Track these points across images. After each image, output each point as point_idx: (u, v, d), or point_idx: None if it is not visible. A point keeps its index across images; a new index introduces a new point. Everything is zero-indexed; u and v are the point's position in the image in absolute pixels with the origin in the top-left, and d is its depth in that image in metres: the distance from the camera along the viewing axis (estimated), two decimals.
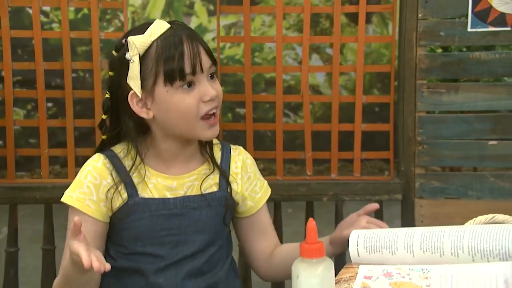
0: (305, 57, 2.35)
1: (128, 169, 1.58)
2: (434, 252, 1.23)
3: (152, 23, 1.55)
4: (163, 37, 1.53)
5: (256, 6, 4.18)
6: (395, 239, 1.26)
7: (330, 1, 5.48)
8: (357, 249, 1.30)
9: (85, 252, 1.25)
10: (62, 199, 1.57)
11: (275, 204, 2.31)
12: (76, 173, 1.64)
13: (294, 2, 5.27)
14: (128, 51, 1.53)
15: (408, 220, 2.31)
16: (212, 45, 2.34)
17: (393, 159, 2.37)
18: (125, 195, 1.57)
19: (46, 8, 5.99)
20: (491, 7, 2.21)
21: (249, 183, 1.73)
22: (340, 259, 2.17)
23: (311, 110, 2.39)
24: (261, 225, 1.76)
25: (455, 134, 2.31)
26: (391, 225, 2.42)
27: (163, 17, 6.55)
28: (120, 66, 1.57)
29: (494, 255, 1.18)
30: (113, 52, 1.61)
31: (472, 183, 2.31)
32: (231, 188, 1.67)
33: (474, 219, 1.32)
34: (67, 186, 1.69)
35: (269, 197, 2.17)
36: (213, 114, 1.57)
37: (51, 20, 5.94)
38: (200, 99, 1.53)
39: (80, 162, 1.89)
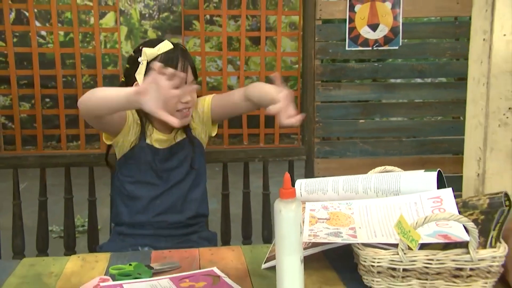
0: (242, 66, 2.32)
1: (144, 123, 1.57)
2: (352, 192, 1.22)
3: (163, 40, 1.54)
4: (166, 53, 1.51)
5: (210, 32, 4.03)
6: (326, 184, 1.24)
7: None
8: (300, 192, 1.27)
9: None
10: None
11: (223, 164, 2.28)
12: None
13: (215, 29, 5.20)
14: (140, 56, 1.51)
15: (310, 172, 2.31)
16: None
17: (300, 133, 2.36)
18: (138, 138, 1.55)
19: (43, 33, 5.74)
20: (359, 34, 2.23)
21: (199, 115, 1.67)
22: None
23: None
24: (223, 101, 1.67)
25: (339, 116, 2.33)
26: (299, 176, 2.43)
27: (126, 39, 6.36)
28: (134, 63, 1.54)
29: (390, 192, 1.18)
30: (132, 53, 1.59)
31: (349, 147, 2.34)
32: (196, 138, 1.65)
33: (373, 170, 1.30)
34: (79, 155, 1.87)
35: (219, 160, 2.13)
36: (187, 110, 1.55)
37: (47, 42, 5.61)
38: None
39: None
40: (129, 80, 1.56)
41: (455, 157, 2.45)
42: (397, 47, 2.28)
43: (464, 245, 0.97)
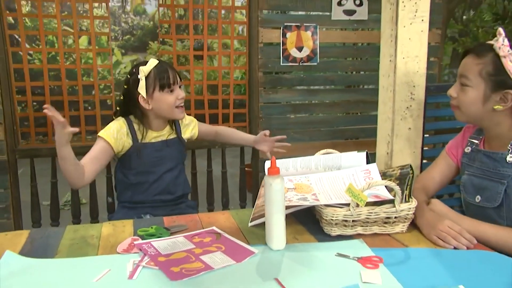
0: (205, 76, 2.30)
1: (136, 128, 1.49)
2: (307, 168, 1.24)
3: (148, 60, 1.48)
4: (157, 66, 1.46)
5: (182, 51, 3.86)
6: (287, 163, 1.25)
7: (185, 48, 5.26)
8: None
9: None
10: (99, 135, 1.44)
11: (192, 151, 2.26)
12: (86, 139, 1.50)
13: (166, 48, 5.03)
14: (139, 74, 1.44)
15: (256, 155, 2.34)
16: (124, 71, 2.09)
17: (248, 126, 2.39)
18: (131, 141, 1.48)
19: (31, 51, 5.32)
20: (290, 54, 2.31)
21: (190, 129, 1.66)
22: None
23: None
24: (207, 133, 1.72)
25: (276, 113, 2.39)
26: (248, 158, 2.46)
27: (97, 56, 6.07)
28: (134, 82, 1.46)
29: (334, 167, 1.22)
30: (128, 75, 1.50)
31: (283, 135, 2.41)
32: (182, 138, 1.62)
33: (318, 152, 1.31)
34: (81, 147, 1.68)
35: (188, 147, 2.07)
36: (182, 106, 1.51)
37: (33, 58, 5.13)
38: (176, 98, 1.47)
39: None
40: (130, 97, 1.50)
41: (356, 141, 2.60)
42: (316, 63, 2.38)
43: (386, 201, 1.05)
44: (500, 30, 1.10)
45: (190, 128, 1.66)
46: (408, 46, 1.34)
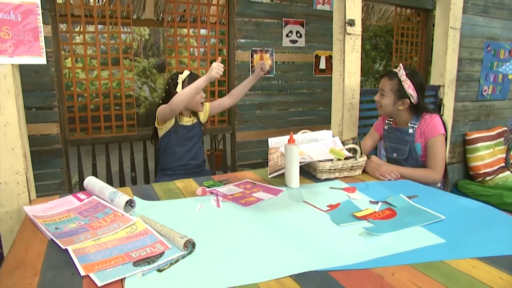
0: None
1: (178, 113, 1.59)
2: (295, 141, 1.32)
3: (184, 71, 1.60)
4: (189, 75, 1.60)
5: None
6: (284, 139, 1.37)
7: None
8: (272, 143, 1.42)
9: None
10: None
11: None
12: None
13: (136, 64, 4.70)
14: (177, 79, 1.57)
15: (234, 139, 2.48)
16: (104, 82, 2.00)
17: (228, 119, 2.51)
18: (174, 122, 1.59)
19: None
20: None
21: (203, 115, 1.75)
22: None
23: None
24: (215, 106, 1.77)
25: (247, 109, 2.53)
26: (228, 142, 2.61)
27: (82, 71, 5.55)
28: (173, 84, 1.59)
29: (313, 140, 1.39)
30: (169, 80, 1.61)
31: (252, 126, 2.55)
32: (201, 121, 1.72)
33: (299, 132, 1.47)
34: (112, 136, 1.75)
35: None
36: (203, 102, 1.65)
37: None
38: (201, 96, 1.61)
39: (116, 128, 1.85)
40: (169, 94, 1.60)
41: (302, 127, 2.83)
42: (273, 75, 2.59)
43: (349, 157, 1.31)
44: (401, 65, 1.44)
45: (204, 113, 1.79)
46: (350, 66, 1.65)
